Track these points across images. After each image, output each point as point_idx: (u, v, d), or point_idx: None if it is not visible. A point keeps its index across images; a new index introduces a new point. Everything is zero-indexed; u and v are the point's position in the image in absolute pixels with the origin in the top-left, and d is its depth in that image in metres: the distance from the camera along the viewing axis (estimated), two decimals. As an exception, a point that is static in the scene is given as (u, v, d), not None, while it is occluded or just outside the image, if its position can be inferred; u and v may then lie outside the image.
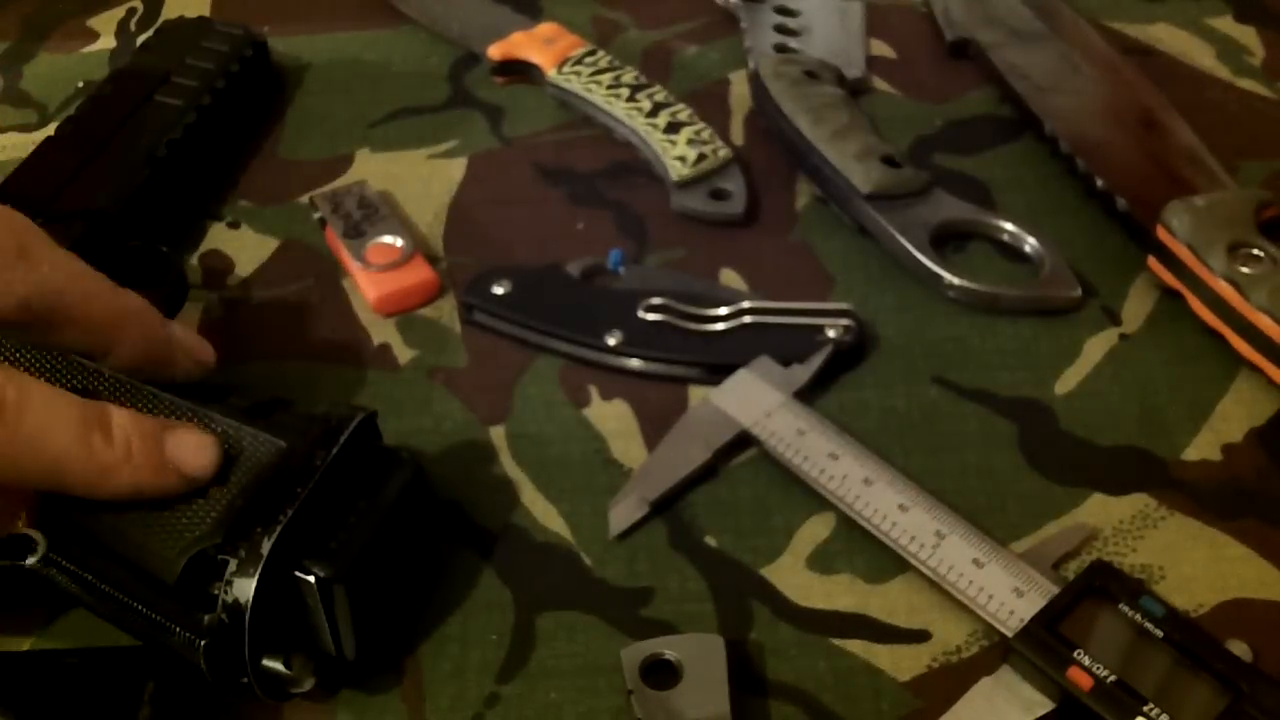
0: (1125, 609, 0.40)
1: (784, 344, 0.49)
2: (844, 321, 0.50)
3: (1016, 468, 0.47)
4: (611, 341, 0.50)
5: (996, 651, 0.41)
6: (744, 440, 0.47)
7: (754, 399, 0.47)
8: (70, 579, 0.40)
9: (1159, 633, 0.39)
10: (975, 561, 0.42)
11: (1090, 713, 0.38)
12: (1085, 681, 0.38)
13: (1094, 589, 0.41)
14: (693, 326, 0.51)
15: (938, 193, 0.55)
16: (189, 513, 0.38)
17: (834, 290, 0.53)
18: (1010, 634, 0.40)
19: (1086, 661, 0.38)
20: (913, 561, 0.42)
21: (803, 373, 0.49)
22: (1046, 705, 0.39)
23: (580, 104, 0.61)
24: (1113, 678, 0.38)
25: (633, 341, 0.50)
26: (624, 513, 0.45)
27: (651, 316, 0.51)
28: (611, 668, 0.40)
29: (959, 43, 0.65)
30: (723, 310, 0.51)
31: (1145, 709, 0.37)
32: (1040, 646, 0.39)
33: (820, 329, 0.50)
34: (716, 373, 0.49)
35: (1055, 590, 0.41)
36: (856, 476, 0.45)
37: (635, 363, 0.50)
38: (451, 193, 0.58)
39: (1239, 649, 0.39)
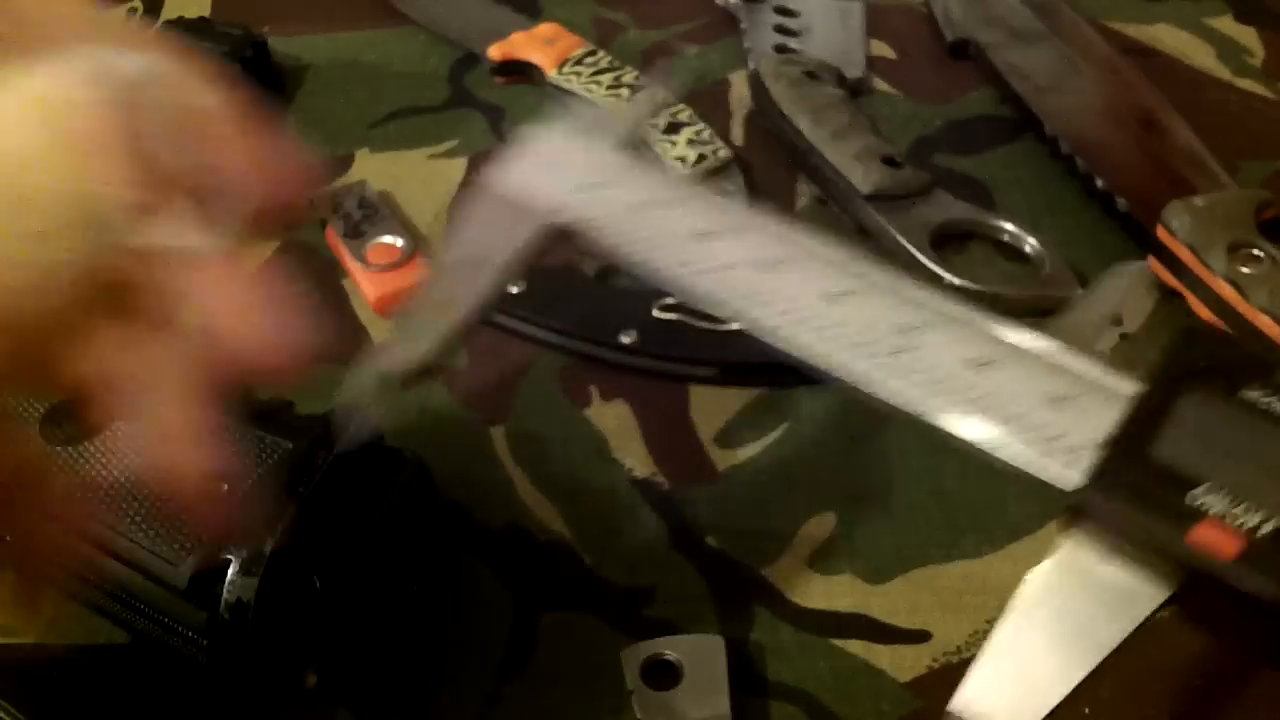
0: (1258, 395, 0.24)
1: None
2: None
3: (1017, 467, 0.46)
4: (626, 340, 0.50)
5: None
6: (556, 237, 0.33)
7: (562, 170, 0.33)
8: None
9: None
10: (972, 363, 0.27)
11: (1234, 592, 0.22)
12: (1227, 543, 0.23)
13: (1197, 373, 0.26)
14: (707, 325, 0.50)
15: (938, 193, 0.55)
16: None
17: (834, 290, 0.53)
18: (1073, 484, 0.25)
19: (1219, 508, 0.23)
20: (858, 384, 0.27)
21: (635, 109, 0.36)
22: (1155, 598, 0.24)
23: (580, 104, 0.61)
24: (1272, 525, 0.22)
25: (647, 340, 0.50)
26: (383, 360, 0.35)
27: (666, 315, 0.50)
28: (611, 668, 0.40)
29: (959, 43, 0.65)
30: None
31: None
32: (1134, 494, 0.24)
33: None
34: (732, 372, 0.49)
35: (1123, 387, 0.26)
36: (744, 258, 0.27)
37: (649, 362, 0.50)
38: (451, 193, 0.58)
39: None
